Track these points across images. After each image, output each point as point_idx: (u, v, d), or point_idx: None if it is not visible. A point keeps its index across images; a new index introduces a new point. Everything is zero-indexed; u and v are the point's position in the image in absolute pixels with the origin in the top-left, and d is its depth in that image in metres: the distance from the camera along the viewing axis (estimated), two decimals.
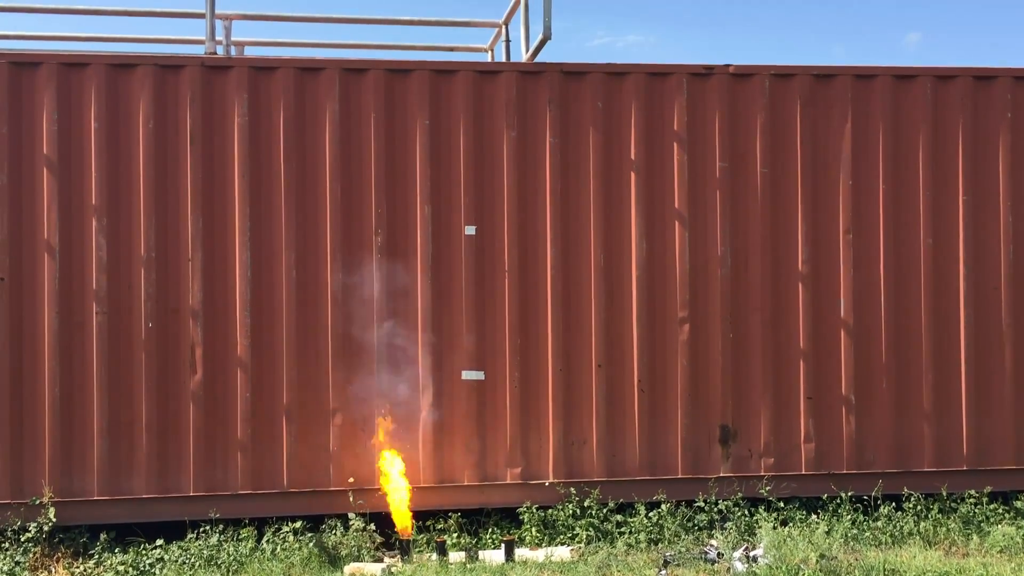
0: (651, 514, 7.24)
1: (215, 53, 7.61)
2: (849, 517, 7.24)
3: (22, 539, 6.81)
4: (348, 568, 6.56)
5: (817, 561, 6.10)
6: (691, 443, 7.55)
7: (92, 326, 7.06)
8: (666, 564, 6.54)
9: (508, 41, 8.57)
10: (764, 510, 7.26)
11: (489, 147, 7.51)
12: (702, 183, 7.65)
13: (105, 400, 7.04)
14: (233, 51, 8.65)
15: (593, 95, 7.57)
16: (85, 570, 6.70)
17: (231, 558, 6.67)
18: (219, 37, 8.12)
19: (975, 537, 7.06)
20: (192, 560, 6.70)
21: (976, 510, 7.40)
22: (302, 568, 6.54)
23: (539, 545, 7.03)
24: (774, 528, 6.82)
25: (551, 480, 7.41)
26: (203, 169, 7.22)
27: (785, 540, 6.48)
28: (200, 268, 7.17)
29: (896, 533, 7.13)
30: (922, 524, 7.20)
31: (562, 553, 6.76)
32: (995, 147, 7.87)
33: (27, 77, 7.10)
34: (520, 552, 6.78)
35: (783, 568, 6.08)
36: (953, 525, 7.19)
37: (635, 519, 7.18)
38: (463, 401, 7.38)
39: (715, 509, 7.33)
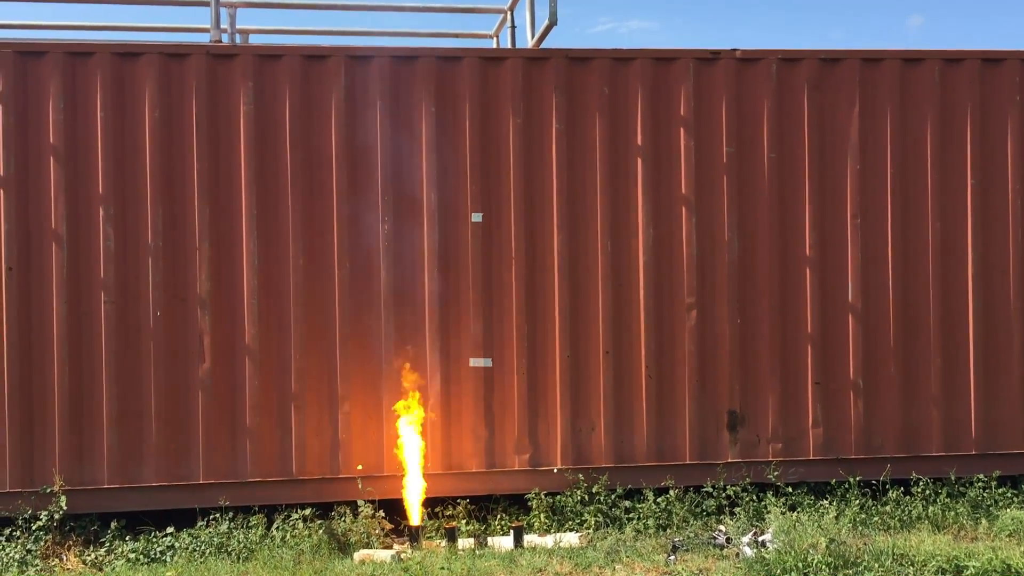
0: (659, 500, 7.24)
1: (220, 41, 7.59)
2: (857, 502, 7.24)
3: (33, 527, 6.84)
4: (358, 555, 6.58)
5: (826, 546, 6.10)
6: (699, 429, 7.55)
7: (100, 315, 7.07)
8: (675, 549, 6.54)
9: (513, 27, 8.53)
10: (772, 495, 7.27)
11: (495, 134, 7.49)
12: (709, 168, 7.62)
13: (114, 389, 7.06)
14: (238, 39, 8.63)
15: (599, 81, 7.54)
16: (96, 558, 6.73)
17: (241, 545, 6.70)
18: (224, 25, 8.10)
19: (984, 521, 7.06)
20: (202, 547, 6.73)
21: (985, 494, 7.40)
22: (312, 555, 6.55)
23: (548, 531, 7.04)
24: (783, 513, 6.83)
25: (559, 466, 7.42)
26: (209, 157, 7.21)
27: (794, 525, 6.49)
28: (208, 257, 7.17)
29: (905, 518, 7.14)
30: (931, 508, 7.20)
31: (571, 539, 6.77)
32: (1003, 130, 7.83)
33: (32, 66, 7.09)
34: (529, 538, 6.80)
35: (792, 553, 6.07)
36: (962, 509, 7.18)
37: (643, 505, 7.18)
38: (471, 388, 7.39)
39: (723, 495, 7.34)
